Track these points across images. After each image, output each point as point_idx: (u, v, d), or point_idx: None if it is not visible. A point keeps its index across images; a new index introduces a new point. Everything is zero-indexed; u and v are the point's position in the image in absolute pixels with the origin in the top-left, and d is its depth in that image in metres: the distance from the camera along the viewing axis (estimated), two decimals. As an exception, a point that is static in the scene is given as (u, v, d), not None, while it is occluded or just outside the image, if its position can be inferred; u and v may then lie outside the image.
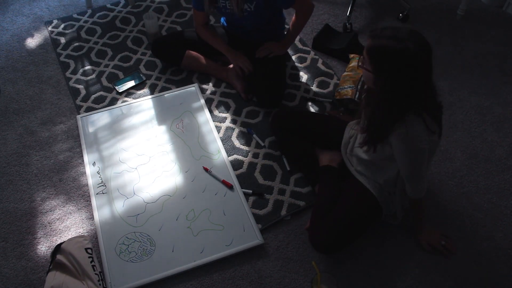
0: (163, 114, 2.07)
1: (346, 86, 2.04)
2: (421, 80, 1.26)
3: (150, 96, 2.14)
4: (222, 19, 2.20)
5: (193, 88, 2.17)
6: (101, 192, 1.78)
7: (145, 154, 1.91)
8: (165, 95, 2.15)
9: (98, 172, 1.84)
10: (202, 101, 2.12)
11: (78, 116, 2.04)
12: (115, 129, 2.00)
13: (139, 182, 1.82)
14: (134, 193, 1.78)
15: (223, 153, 1.91)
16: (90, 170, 1.85)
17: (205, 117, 2.06)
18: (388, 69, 1.25)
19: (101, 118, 2.05)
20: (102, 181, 1.81)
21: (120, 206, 1.74)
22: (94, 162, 1.87)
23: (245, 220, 1.69)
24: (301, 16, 2.03)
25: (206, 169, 1.83)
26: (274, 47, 2.08)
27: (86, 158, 1.89)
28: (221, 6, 1.94)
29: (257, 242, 1.63)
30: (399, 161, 1.41)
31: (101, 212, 1.72)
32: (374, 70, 1.29)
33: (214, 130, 2.00)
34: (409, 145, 1.34)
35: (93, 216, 1.72)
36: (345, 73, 2.14)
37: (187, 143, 1.95)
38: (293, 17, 2.05)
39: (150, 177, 1.83)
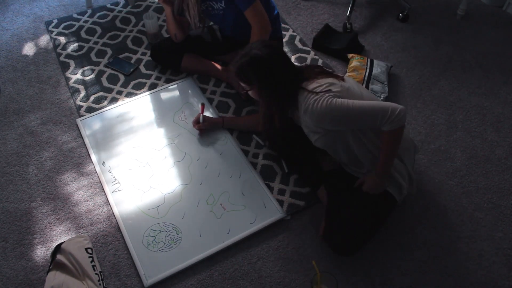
0: (164, 109, 2.09)
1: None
2: (284, 66, 1.49)
3: (147, 93, 2.16)
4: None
5: (187, 81, 2.20)
6: (117, 190, 1.79)
7: (153, 149, 1.93)
8: (162, 90, 2.17)
9: (109, 171, 1.85)
10: (199, 91, 2.15)
11: (78, 120, 2.04)
12: (119, 128, 2.01)
13: (153, 175, 1.83)
14: (150, 186, 1.80)
15: (229, 136, 1.96)
16: (101, 170, 1.85)
17: (205, 105, 2.09)
18: (255, 76, 1.48)
19: (102, 119, 2.05)
20: (115, 179, 1.82)
21: (138, 200, 1.76)
22: (104, 162, 1.88)
23: (264, 198, 1.75)
24: (254, 35, 1.85)
25: None
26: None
27: (94, 159, 1.89)
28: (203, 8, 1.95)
29: (279, 216, 1.69)
30: (347, 124, 1.46)
31: (120, 208, 1.73)
32: (247, 84, 1.52)
33: (216, 116, 2.04)
34: (329, 110, 1.41)
35: (112, 214, 1.73)
36: (348, 74, 2.14)
37: (193, 133, 1.98)
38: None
39: (163, 170, 1.85)
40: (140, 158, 1.90)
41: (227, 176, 1.82)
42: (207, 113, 2.03)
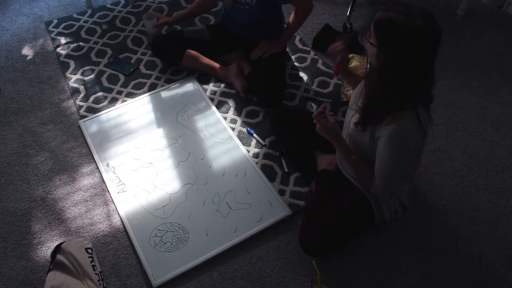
0: (166, 109, 2.09)
1: (351, 88, 2.04)
2: (424, 64, 1.20)
3: (149, 93, 2.16)
4: (223, 21, 2.20)
5: (188, 80, 2.21)
6: (122, 191, 1.79)
7: (157, 149, 1.93)
8: (163, 90, 2.17)
9: (113, 172, 1.85)
10: (201, 90, 2.15)
11: (81, 121, 2.03)
12: (121, 129, 2.01)
13: (158, 175, 1.84)
14: (155, 187, 1.80)
15: (233, 135, 1.97)
16: (105, 171, 1.85)
17: (207, 104, 2.10)
18: (392, 43, 1.19)
19: (104, 120, 2.05)
20: (120, 180, 1.82)
21: (144, 201, 1.76)
22: (108, 163, 1.88)
23: (269, 196, 1.76)
24: (300, 15, 2.02)
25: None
26: (268, 46, 2.07)
27: (98, 160, 1.89)
28: None
29: (285, 213, 1.70)
30: (378, 154, 1.36)
31: (126, 209, 1.73)
32: (379, 43, 1.23)
33: (218, 115, 2.05)
34: (396, 142, 1.29)
35: (112, 214, 1.73)
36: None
37: (196, 132, 1.98)
38: (292, 15, 2.05)
39: (167, 170, 1.86)
40: (144, 159, 1.90)
41: (232, 175, 1.83)
42: (209, 114, 2.02)
